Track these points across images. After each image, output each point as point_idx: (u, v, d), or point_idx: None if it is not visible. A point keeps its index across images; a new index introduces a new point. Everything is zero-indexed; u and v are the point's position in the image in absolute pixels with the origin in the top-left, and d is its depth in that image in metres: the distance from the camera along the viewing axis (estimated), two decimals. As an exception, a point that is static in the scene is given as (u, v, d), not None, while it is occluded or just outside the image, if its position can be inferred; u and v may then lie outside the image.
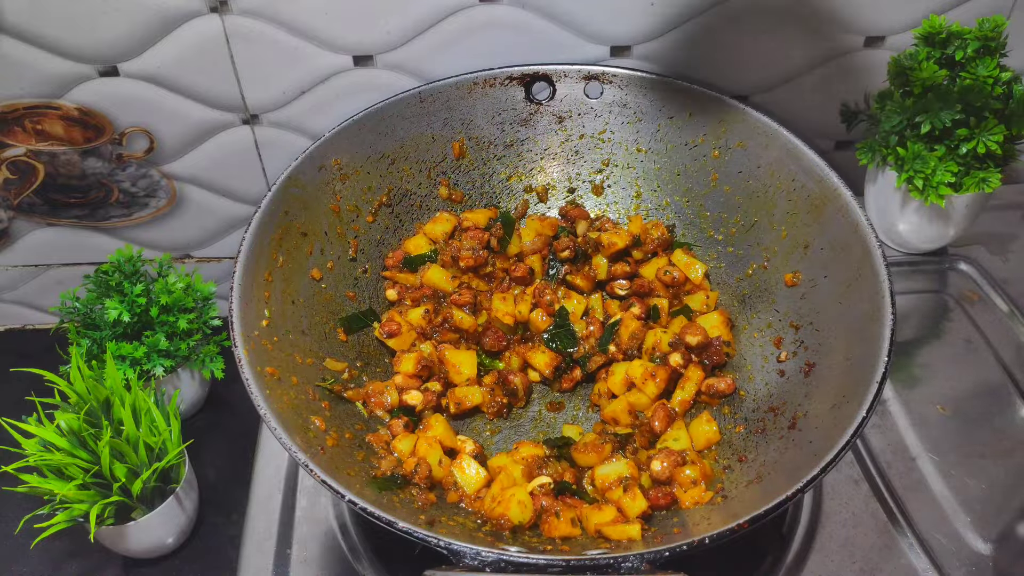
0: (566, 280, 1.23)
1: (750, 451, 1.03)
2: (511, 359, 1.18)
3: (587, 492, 1.04)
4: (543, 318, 1.18)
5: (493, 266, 1.22)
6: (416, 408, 1.10)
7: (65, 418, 1.04)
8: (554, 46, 1.26)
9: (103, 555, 1.14)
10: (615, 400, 1.11)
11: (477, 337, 1.18)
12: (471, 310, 1.17)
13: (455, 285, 1.19)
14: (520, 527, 0.96)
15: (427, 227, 1.25)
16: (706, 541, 0.80)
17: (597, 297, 1.22)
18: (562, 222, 1.27)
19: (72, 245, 1.42)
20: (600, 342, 1.17)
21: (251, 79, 1.25)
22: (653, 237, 1.22)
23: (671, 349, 1.11)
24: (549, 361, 1.15)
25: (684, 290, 1.21)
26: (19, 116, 1.25)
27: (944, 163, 1.20)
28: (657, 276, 1.20)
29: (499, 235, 1.21)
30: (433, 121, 1.25)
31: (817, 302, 1.08)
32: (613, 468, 1.02)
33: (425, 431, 1.06)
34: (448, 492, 1.01)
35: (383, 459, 1.02)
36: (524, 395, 1.14)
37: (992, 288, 1.35)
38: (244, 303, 1.00)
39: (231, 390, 1.34)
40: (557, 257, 1.23)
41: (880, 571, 1.03)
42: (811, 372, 1.05)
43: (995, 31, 1.18)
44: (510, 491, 0.97)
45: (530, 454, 1.04)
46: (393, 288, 1.22)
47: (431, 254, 1.22)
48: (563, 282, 1.23)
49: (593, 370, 1.16)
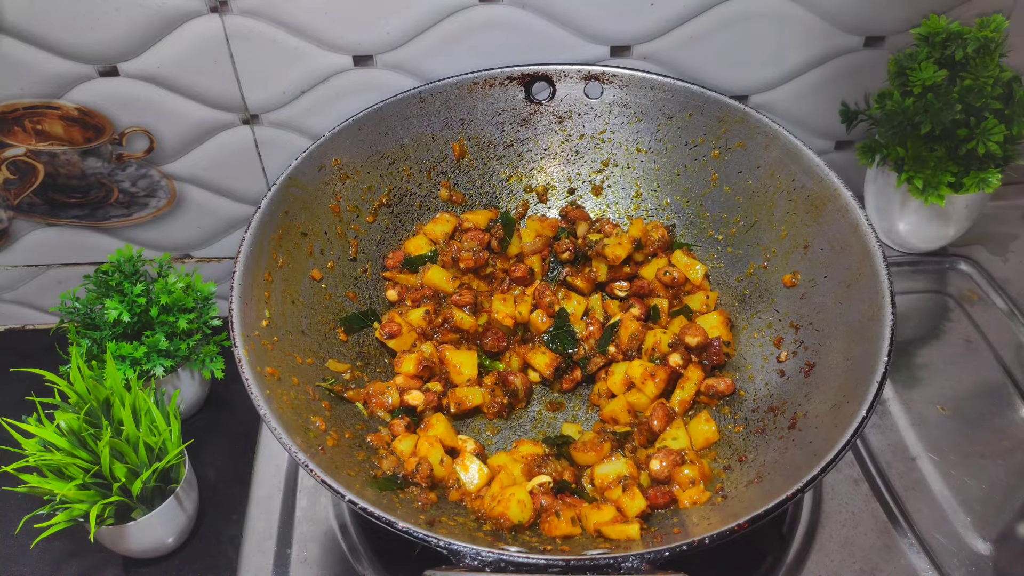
0: (566, 281, 1.23)
1: (750, 451, 1.03)
2: (511, 360, 1.18)
3: (586, 491, 1.04)
4: (543, 319, 1.18)
5: (493, 267, 1.22)
6: (417, 408, 1.10)
7: (65, 418, 1.04)
8: (554, 46, 1.26)
9: (103, 555, 1.14)
10: (614, 400, 1.11)
11: (477, 337, 1.18)
12: (471, 310, 1.17)
13: (455, 286, 1.19)
14: (520, 526, 0.96)
15: (427, 227, 1.25)
16: (706, 541, 0.80)
17: (597, 298, 1.22)
18: (562, 223, 1.27)
19: (72, 245, 1.42)
20: (600, 343, 1.17)
21: (251, 79, 1.25)
22: (653, 239, 1.22)
23: (671, 350, 1.12)
24: (549, 362, 1.16)
25: (684, 291, 1.21)
26: (19, 116, 1.25)
27: (944, 163, 1.20)
28: (657, 277, 1.20)
29: (499, 236, 1.21)
30: (433, 121, 1.25)
31: (817, 302, 1.09)
32: (612, 467, 1.02)
33: (426, 430, 1.06)
34: (449, 491, 1.01)
35: (384, 459, 1.02)
36: (524, 396, 1.14)
37: (992, 288, 1.35)
38: (244, 303, 1.00)
39: (231, 390, 1.34)
40: (557, 258, 1.23)
41: (880, 571, 1.03)
42: (811, 372, 1.05)
43: (995, 31, 1.18)
44: (510, 490, 0.97)
45: (529, 452, 1.04)
46: (393, 289, 1.22)
47: (431, 255, 1.22)
48: (563, 283, 1.23)
49: (593, 371, 1.16)
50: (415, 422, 1.09)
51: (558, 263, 1.24)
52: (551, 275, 1.24)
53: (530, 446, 1.06)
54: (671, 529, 0.94)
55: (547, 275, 1.24)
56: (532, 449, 1.05)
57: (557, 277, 1.23)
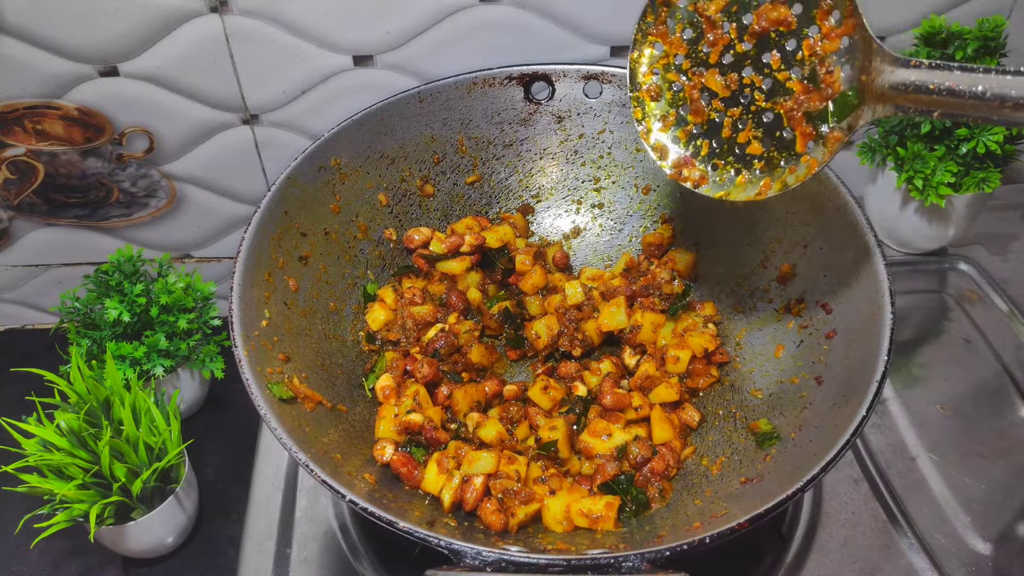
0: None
1: (749, 450, 1.03)
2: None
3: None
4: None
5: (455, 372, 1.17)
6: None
7: (65, 418, 1.04)
8: (554, 46, 1.26)
9: (103, 555, 1.14)
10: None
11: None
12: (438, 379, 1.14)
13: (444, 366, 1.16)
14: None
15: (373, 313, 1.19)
16: (706, 541, 0.80)
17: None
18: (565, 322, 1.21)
19: (72, 245, 1.42)
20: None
21: (251, 79, 1.25)
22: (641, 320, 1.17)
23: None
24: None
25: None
26: (19, 116, 1.25)
27: (944, 163, 1.20)
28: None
29: (509, 336, 1.20)
30: (432, 121, 1.25)
31: (816, 301, 1.08)
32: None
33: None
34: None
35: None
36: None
37: (992, 288, 1.35)
38: (244, 303, 1.00)
39: (231, 390, 1.34)
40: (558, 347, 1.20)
41: (880, 571, 1.03)
42: (811, 372, 1.05)
43: (995, 31, 1.18)
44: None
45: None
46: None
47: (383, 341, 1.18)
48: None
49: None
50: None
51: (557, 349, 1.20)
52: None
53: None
54: (671, 529, 0.94)
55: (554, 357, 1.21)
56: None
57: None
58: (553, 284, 1.24)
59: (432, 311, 1.18)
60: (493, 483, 0.99)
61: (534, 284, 1.23)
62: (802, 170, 0.89)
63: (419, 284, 1.22)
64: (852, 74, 0.83)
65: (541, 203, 1.33)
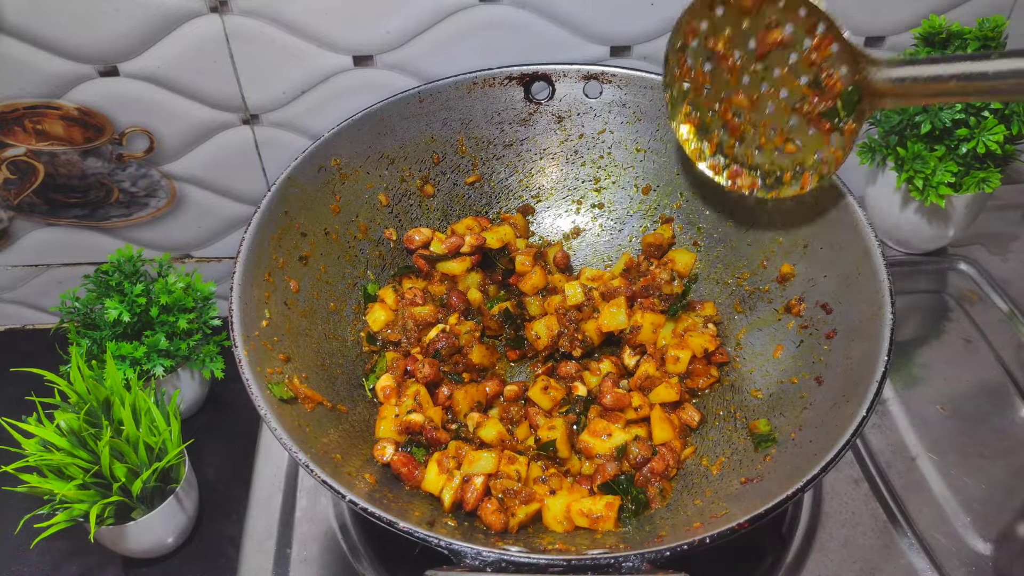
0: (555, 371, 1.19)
1: (749, 450, 1.03)
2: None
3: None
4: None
5: (456, 371, 1.17)
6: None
7: (65, 418, 1.04)
8: (554, 46, 1.26)
9: (103, 555, 1.14)
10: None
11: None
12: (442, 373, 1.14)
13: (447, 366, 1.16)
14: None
15: (372, 315, 1.19)
16: (706, 541, 0.80)
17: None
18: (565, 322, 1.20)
19: (72, 245, 1.42)
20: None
21: (251, 79, 1.25)
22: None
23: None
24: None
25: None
26: (19, 116, 1.25)
27: (944, 163, 1.20)
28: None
29: (510, 337, 1.20)
30: (432, 121, 1.25)
31: (816, 301, 1.08)
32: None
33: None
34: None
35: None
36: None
37: (992, 288, 1.35)
38: (244, 303, 1.00)
39: (231, 390, 1.34)
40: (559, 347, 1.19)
41: (880, 571, 1.03)
42: (810, 372, 1.05)
43: (995, 31, 1.18)
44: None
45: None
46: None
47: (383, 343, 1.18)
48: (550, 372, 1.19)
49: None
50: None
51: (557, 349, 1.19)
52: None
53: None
54: (670, 528, 0.94)
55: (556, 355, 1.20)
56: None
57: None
58: (553, 284, 1.24)
59: (433, 312, 1.18)
60: (493, 483, 0.99)
61: (534, 285, 1.23)
62: (831, 161, 1.03)
63: (420, 284, 1.22)
64: (849, 74, 0.96)
65: (541, 203, 1.33)
